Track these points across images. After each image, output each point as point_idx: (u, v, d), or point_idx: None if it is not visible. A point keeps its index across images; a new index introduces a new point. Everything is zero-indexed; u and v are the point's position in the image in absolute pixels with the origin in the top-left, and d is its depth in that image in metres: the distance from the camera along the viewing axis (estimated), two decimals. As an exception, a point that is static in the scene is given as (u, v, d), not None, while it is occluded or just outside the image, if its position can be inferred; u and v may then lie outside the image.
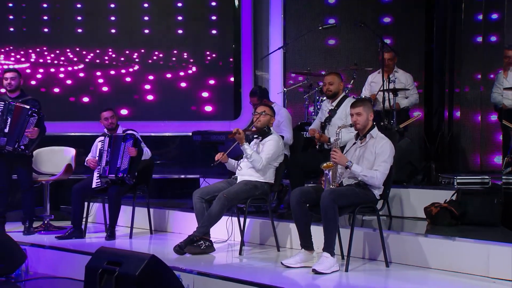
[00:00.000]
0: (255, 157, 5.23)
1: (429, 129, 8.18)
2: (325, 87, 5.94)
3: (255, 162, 5.23)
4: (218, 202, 5.10)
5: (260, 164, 5.24)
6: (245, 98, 8.74)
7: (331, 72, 6.10)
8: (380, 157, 4.68)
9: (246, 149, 5.21)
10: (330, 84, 5.91)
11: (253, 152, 5.22)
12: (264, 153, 5.31)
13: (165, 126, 8.80)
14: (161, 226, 6.48)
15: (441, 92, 8.18)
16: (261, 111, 5.40)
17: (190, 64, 8.95)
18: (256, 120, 5.38)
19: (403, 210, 5.90)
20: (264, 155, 5.29)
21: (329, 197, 4.46)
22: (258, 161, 5.24)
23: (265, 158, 5.28)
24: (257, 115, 5.39)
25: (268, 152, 5.31)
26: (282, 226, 5.54)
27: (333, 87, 5.90)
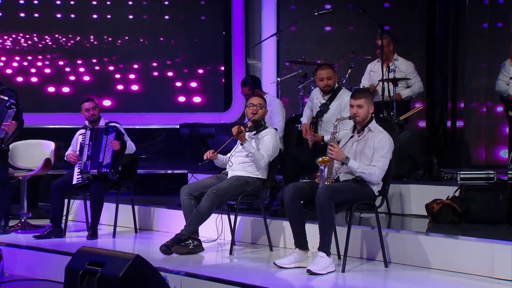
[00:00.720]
0: (257, 155, 5.23)
1: (431, 121, 8.20)
2: (323, 83, 5.79)
3: (257, 161, 5.23)
4: (207, 198, 5.09)
5: (263, 162, 5.25)
6: (236, 89, 8.73)
7: (325, 65, 5.91)
8: (379, 151, 4.69)
9: (248, 147, 5.20)
10: (328, 79, 5.77)
11: (255, 150, 5.22)
12: (264, 149, 5.30)
13: (150, 118, 8.78)
14: (147, 224, 6.48)
15: (444, 82, 8.20)
16: (258, 102, 5.39)
17: (177, 52, 8.93)
18: (253, 113, 5.35)
19: (403, 207, 5.92)
20: (265, 152, 5.29)
21: (325, 193, 4.46)
22: (260, 159, 5.24)
23: (266, 155, 5.28)
24: (254, 108, 5.37)
25: (268, 148, 5.31)
26: (275, 224, 5.55)
27: (331, 82, 5.78)
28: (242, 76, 8.48)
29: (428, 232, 4.95)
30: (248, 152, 5.20)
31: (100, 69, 8.76)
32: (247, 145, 5.21)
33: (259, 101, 5.40)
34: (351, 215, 4.68)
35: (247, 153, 5.21)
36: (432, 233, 4.88)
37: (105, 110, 6.40)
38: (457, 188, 5.51)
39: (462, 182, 5.77)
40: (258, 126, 5.40)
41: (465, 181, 5.78)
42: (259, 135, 5.39)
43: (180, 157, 8.47)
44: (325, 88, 5.82)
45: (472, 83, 8.00)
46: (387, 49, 6.87)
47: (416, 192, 5.88)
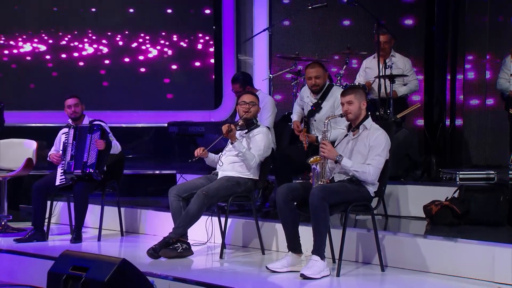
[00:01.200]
0: (248, 155, 5.22)
1: (429, 119, 8.22)
2: (311, 82, 5.78)
3: (248, 161, 5.23)
4: (197, 200, 5.09)
5: (253, 162, 5.25)
6: (226, 85, 8.73)
7: (314, 63, 5.89)
8: (374, 150, 4.70)
9: (239, 146, 5.20)
10: (316, 78, 5.76)
11: (246, 150, 5.21)
12: (255, 149, 5.30)
13: (137, 116, 8.77)
14: (133, 227, 6.47)
15: (443, 78, 8.22)
16: (250, 100, 5.38)
17: (166, 47, 8.91)
18: (245, 111, 5.35)
19: (400, 209, 5.93)
20: (256, 152, 5.28)
21: (319, 194, 4.47)
22: (251, 159, 5.24)
23: (257, 155, 5.28)
24: (246, 106, 5.36)
25: (259, 148, 5.31)
26: (267, 226, 5.55)
27: (320, 81, 5.78)
28: (233, 72, 8.48)
29: (426, 235, 4.97)
30: (238, 151, 5.21)
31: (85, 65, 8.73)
32: (237, 144, 5.21)
33: (251, 98, 5.40)
34: (346, 217, 4.69)
35: (237, 153, 5.21)
36: (430, 236, 4.90)
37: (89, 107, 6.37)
38: (456, 189, 5.53)
39: (461, 182, 5.79)
40: (250, 125, 5.40)
41: (464, 182, 5.80)
42: (250, 134, 5.39)
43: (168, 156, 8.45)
44: (313, 87, 5.81)
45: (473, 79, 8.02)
46: (388, 45, 6.88)
47: (413, 193, 5.90)
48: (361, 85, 6.66)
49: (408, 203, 5.90)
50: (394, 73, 6.64)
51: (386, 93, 6.54)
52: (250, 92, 5.66)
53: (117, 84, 8.82)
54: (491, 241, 4.60)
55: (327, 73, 5.92)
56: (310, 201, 4.48)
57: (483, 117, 7.93)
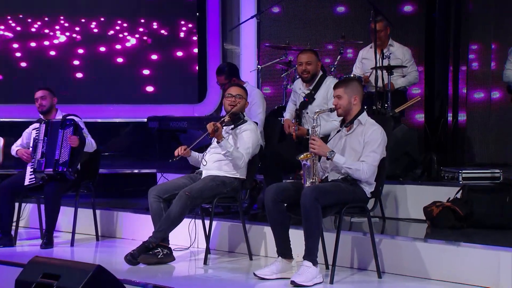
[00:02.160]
0: (236, 154, 5.21)
1: (430, 114, 8.26)
2: (301, 68, 5.84)
3: (236, 160, 5.22)
4: (179, 201, 5.08)
5: (242, 161, 5.24)
6: (211, 77, 8.73)
7: (307, 50, 5.97)
8: (369, 146, 4.70)
9: (225, 145, 5.18)
10: (307, 64, 5.80)
11: (233, 149, 5.20)
12: (243, 146, 5.28)
13: (114, 110, 8.75)
14: (110, 231, 6.45)
15: (445, 69, 8.25)
16: (237, 93, 5.37)
17: (145, 35, 8.90)
18: (231, 105, 5.33)
19: (398, 211, 5.95)
20: (244, 150, 5.27)
21: (311, 195, 4.47)
22: (239, 158, 5.23)
23: (246, 154, 5.27)
24: (233, 99, 5.35)
25: (247, 146, 5.29)
26: (255, 230, 5.56)
27: (311, 68, 5.81)
28: (218, 63, 8.48)
29: (426, 239, 4.98)
30: (226, 151, 5.19)
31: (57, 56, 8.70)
32: (224, 143, 5.19)
33: (238, 91, 5.40)
34: (340, 220, 4.69)
35: (224, 152, 5.20)
36: (431, 240, 4.91)
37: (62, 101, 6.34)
38: (459, 189, 5.55)
39: (464, 182, 5.81)
40: (237, 120, 5.39)
41: (467, 181, 5.82)
42: (237, 130, 5.38)
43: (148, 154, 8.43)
44: (303, 74, 5.84)
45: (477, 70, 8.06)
46: (384, 33, 6.89)
47: (413, 193, 5.92)
48: (356, 77, 6.68)
49: (407, 204, 5.92)
50: (392, 63, 6.66)
51: (384, 85, 6.55)
52: (237, 85, 5.65)
53: (92, 76, 8.79)
54: (497, 245, 4.61)
55: (320, 63, 5.93)
56: (301, 202, 4.49)
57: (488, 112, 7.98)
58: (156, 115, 7.15)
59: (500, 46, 7.84)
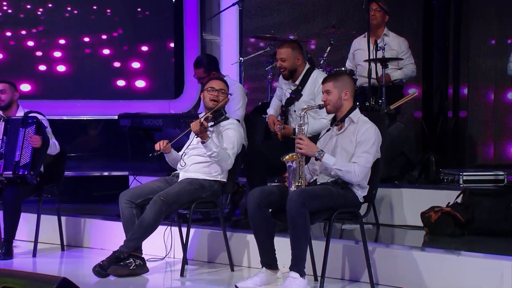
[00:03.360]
0: (223, 154, 5.20)
1: (428, 110, 8.29)
2: (278, 64, 5.85)
3: (223, 161, 5.21)
4: (153, 207, 5.08)
5: (229, 162, 5.24)
6: (189, 71, 8.72)
7: (284, 42, 5.93)
8: (362, 146, 4.71)
9: (211, 146, 5.16)
10: (282, 61, 5.79)
11: (220, 149, 5.19)
12: (228, 146, 5.27)
13: (82, 107, 8.72)
14: (77, 239, 6.43)
15: (444, 62, 8.29)
16: (220, 87, 5.37)
17: (116, 25, 8.87)
18: (213, 100, 5.32)
19: (393, 217, 5.98)
20: (230, 150, 5.26)
21: (298, 199, 4.48)
22: (226, 159, 5.22)
23: (232, 154, 5.26)
24: (215, 93, 5.34)
25: (232, 144, 5.28)
26: (237, 238, 5.56)
27: (287, 64, 5.79)
28: (197, 54, 8.48)
29: (424, 247, 5.01)
30: (211, 151, 5.17)
31: (15, 45, 8.64)
32: (210, 143, 5.16)
33: (221, 85, 5.39)
34: (330, 226, 4.70)
35: (210, 153, 5.17)
36: (429, 248, 4.94)
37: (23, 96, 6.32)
38: (460, 192, 5.58)
39: (465, 185, 5.85)
40: (218, 117, 5.38)
41: (469, 184, 5.85)
42: (219, 128, 5.37)
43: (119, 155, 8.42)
44: (280, 70, 5.87)
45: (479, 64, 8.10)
46: (381, 16, 6.91)
47: (409, 197, 5.94)
48: (347, 71, 6.70)
49: (403, 209, 5.94)
50: (387, 55, 6.67)
51: (378, 79, 6.57)
52: (219, 78, 5.64)
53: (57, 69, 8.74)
54: (500, 254, 4.63)
55: (301, 55, 5.90)
56: (287, 207, 4.49)
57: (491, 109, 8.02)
58: (128, 112, 7.13)
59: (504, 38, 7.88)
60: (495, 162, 7.72)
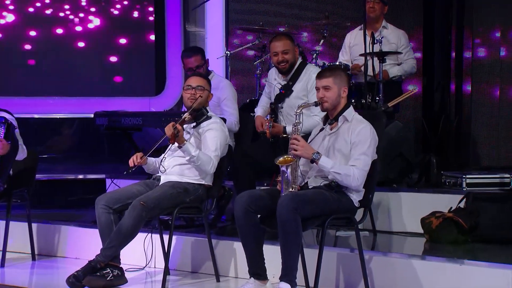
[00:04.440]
0: (203, 158, 5.19)
1: (429, 108, 8.31)
2: (277, 58, 5.82)
3: (204, 165, 5.19)
4: (132, 212, 5.07)
5: (211, 166, 5.21)
6: (170, 65, 8.71)
7: (281, 35, 5.94)
8: (358, 147, 4.73)
9: (189, 150, 5.15)
10: (284, 54, 5.78)
11: (199, 153, 5.18)
12: (210, 148, 5.25)
13: (54, 104, 8.69)
14: (49, 248, 6.42)
15: (446, 57, 8.31)
16: (198, 84, 5.36)
17: (91, 15, 8.85)
18: (191, 99, 5.31)
19: (391, 223, 6.00)
20: (212, 152, 5.25)
21: (289, 204, 4.49)
22: (207, 162, 5.20)
23: (214, 156, 5.25)
24: (192, 91, 5.33)
25: (214, 146, 5.26)
26: (223, 246, 5.57)
27: (290, 57, 5.80)
28: (179, 47, 8.48)
29: (424, 255, 5.03)
30: (189, 156, 5.16)
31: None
32: (186, 148, 5.15)
33: (199, 82, 5.38)
34: (323, 233, 4.71)
35: (189, 157, 5.17)
36: (429, 257, 4.96)
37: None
38: (463, 197, 5.61)
39: (469, 189, 5.88)
40: (199, 116, 5.36)
41: (473, 188, 5.88)
42: (200, 129, 5.36)
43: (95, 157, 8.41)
44: (280, 65, 5.84)
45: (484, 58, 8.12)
46: (381, 8, 6.93)
47: (409, 202, 5.96)
48: (342, 66, 6.71)
49: (402, 215, 5.96)
50: (385, 49, 6.70)
51: (375, 75, 6.59)
52: (197, 74, 5.64)
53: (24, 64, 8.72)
54: (507, 263, 4.66)
55: (297, 48, 5.93)
56: (277, 213, 4.50)
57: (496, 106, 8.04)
58: (105, 110, 7.11)
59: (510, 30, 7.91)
60: (501, 164, 7.74)
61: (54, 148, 8.69)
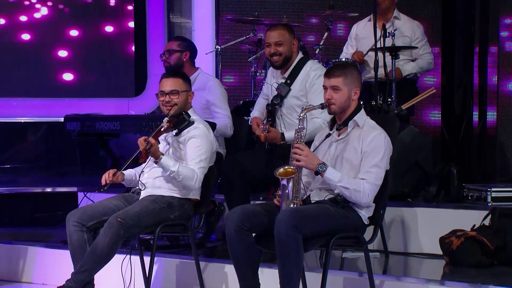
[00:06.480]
0: (185, 172, 5.17)
1: (449, 111, 8.34)
2: (269, 50, 5.84)
3: (186, 180, 5.18)
4: (109, 231, 5.08)
5: (195, 180, 5.18)
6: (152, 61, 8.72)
7: (277, 25, 5.98)
8: (370, 158, 4.73)
9: (167, 165, 5.15)
10: (277, 45, 5.80)
11: (179, 166, 5.16)
12: (194, 160, 5.22)
13: (18, 106, 8.70)
14: (12, 272, 6.42)
15: (468, 51, 8.33)
16: (172, 89, 5.33)
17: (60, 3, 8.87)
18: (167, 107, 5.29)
19: (406, 243, 6.01)
20: (195, 164, 5.22)
21: (288, 221, 4.50)
22: (191, 177, 5.17)
23: (199, 169, 5.23)
24: (166, 98, 5.28)
25: (198, 157, 5.23)
26: (212, 268, 5.59)
27: (283, 49, 5.81)
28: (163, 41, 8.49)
29: (443, 280, 5.06)
30: (169, 171, 5.15)
31: None
32: (164, 162, 5.14)
33: (173, 85, 5.31)
34: (328, 255, 4.72)
35: (168, 173, 5.17)
36: (450, 282, 4.98)
37: None
38: (487, 213, 5.62)
39: (494, 204, 5.89)
40: (180, 123, 5.32)
41: (499, 203, 5.89)
42: (181, 137, 5.35)
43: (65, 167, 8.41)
44: (273, 57, 5.85)
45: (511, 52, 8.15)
46: (390, 2, 6.96)
47: (426, 219, 5.99)
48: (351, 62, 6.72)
49: (418, 233, 5.98)
50: (398, 43, 6.73)
51: (387, 73, 6.62)
52: (171, 73, 5.57)
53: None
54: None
55: (296, 41, 5.93)
56: (275, 231, 4.51)
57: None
58: (77, 113, 7.13)
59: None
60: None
61: (18, 157, 8.69)
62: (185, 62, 6.39)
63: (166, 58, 6.39)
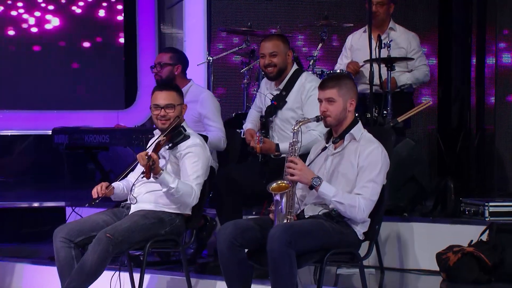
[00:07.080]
0: (184, 188, 5.16)
1: (445, 124, 8.34)
2: (264, 61, 5.87)
3: (184, 197, 5.18)
4: (97, 247, 5.07)
5: (193, 196, 5.17)
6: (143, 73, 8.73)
7: (272, 36, 6.01)
8: (366, 173, 4.74)
9: (167, 181, 5.13)
10: (272, 56, 5.82)
11: (178, 183, 5.15)
12: (191, 176, 5.22)
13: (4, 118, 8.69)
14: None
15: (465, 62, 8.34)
16: (166, 102, 5.32)
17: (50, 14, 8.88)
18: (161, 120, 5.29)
19: (402, 259, 6.01)
20: (193, 181, 5.22)
21: (282, 237, 4.50)
22: (188, 194, 5.17)
23: (195, 185, 5.22)
24: (161, 112, 5.27)
25: (196, 173, 5.22)
26: (204, 285, 5.58)
27: (277, 60, 5.84)
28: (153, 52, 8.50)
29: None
30: (167, 187, 5.15)
31: None
32: (164, 178, 5.12)
33: (168, 98, 5.29)
34: (322, 271, 4.73)
35: (167, 189, 5.15)
36: (447, 298, 5.00)
37: None
38: (485, 228, 5.62)
39: (492, 219, 5.89)
40: (175, 136, 5.31)
41: (497, 218, 5.90)
42: (177, 152, 5.34)
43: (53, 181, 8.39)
44: (267, 69, 5.87)
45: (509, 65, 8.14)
46: (384, 9, 6.97)
47: (422, 234, 5.99)
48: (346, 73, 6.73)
49: (415, 249, 5.98)
50: (394, 54, 6.74)
51: (382, 84, 6.62)
52: (164, 86, 5.54)
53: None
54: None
55: (291, 52, 5.95)
56: (268, 247, 4.51)
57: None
58: (65, 126, 7.13)
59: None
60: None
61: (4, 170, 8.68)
62: (177, 75, 6.38)
63: (158, 71, 6.37)
